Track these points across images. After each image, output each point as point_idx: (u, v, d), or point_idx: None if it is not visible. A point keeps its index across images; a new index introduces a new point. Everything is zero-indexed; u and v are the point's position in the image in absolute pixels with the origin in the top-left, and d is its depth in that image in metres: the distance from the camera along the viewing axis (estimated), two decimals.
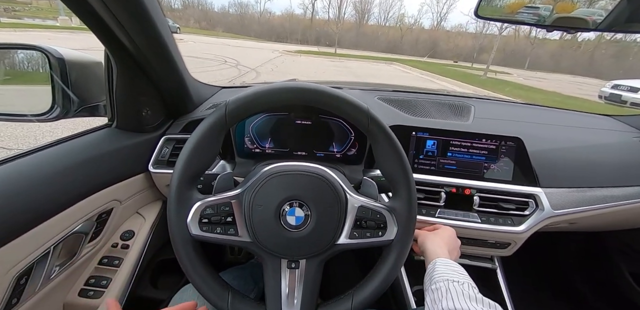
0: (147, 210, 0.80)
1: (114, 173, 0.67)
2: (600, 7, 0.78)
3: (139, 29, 0.56)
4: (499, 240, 0.77)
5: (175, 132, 0.80)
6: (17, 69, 0.76)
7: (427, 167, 0.80)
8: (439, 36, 46.19)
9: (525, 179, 0.78)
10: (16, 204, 0.49)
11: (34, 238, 0.50)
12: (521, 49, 34.48)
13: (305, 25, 50.92)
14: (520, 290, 0.81)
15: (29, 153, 0.58)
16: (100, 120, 0.75)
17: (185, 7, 55.83)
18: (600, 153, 0.87)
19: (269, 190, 0.49)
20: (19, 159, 0.55)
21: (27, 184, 0.52)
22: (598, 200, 0.79)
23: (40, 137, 2.65)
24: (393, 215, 0.51)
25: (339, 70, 11.72)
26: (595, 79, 23.62)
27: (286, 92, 0.48)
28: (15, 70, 0.76)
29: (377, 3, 55.42)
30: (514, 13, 0.80)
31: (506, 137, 0.79)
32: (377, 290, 0.49)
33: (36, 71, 0.72)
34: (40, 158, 0.57)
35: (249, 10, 58.03)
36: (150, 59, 0.63)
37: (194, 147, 0.48)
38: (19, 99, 0.80)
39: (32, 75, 0.75)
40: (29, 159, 0.56)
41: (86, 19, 0.54)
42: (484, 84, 10.29)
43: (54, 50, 0.65)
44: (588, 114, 1.11)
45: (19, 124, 2.73)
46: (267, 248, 0.48)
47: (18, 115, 0.68)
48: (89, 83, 0.70)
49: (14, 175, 0.52)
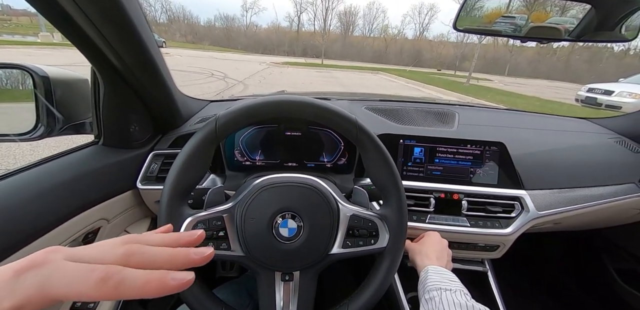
0: (136, 229, 0.78)
1: (102, 191, 0.66)
2: (572, 16, 0.82)
3: (126, 45, 0.56)
4: (488, 243, 0.79)
5: (164, 148, 0.79)
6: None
7: (415, 173, 0.82)
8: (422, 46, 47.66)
9: (510, 182, 0.80)
10: (2, 224, 0.47)
11: None
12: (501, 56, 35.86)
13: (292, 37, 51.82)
14: (512, 291, 0.83)
15: (13, 173, 0.56)
16: (85, 137, 0.74)
17: (171, 21, 56.21)
18: (578, 154, 0.90)
19: (261, 203, 0.49)
20: (4, 179, 0.54)
21: (10, 205, 0.50)
22: (579, 200, 0.82)
23: (19, 157, 2.58)
24: (384, 223, 0.52)
25: (327, 81, 11.90)
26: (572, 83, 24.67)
27: (276, 105, 0.49)
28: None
29: (361, 15, 57.20)
30: (491, 23, 0.83)
31: (489, 142, 0.82)
32: (373, 298, 0.50)
33: (16, 89, 0.71)
34: (25, 178, 0.56)
35: (235, 24, 58.87)
36: (137, 75, 0.63)
37: (184, 161, 0.48)
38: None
39: (13, 92, 0.73)
40: (13, 179, 0.55)
41: (71, 35, 0.54)
42: (467, 91, 10.59)
43: (38, 68, 0.64)
44: (565, 117, 1.16)
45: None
46: (261, 261, 0.48)
47: (0, 135, 0.66)
48: (74, 101, 0.69)
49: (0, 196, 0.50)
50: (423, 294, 0.52)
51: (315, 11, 54.79)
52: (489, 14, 0.84)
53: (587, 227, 1.05)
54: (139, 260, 0.23)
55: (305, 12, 55.94)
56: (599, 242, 1.18)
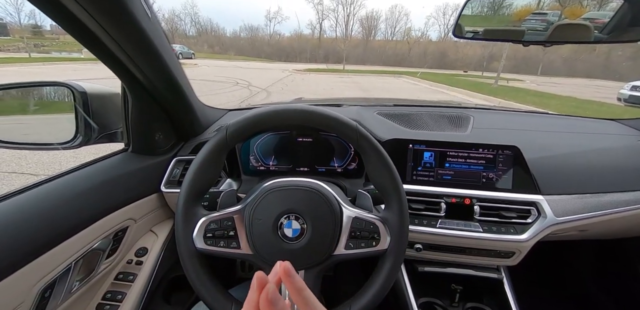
0: (160, 228, 0.84)
1: (130, 194, 0.73)
2: (611, 9, 0.77)
3: (149, 63, 0.62)
4: (502, 249, 0.77)
5: (185, 154, 0.85)
6: (44, 100, 0.86)
7: (425, 178, 0.82)
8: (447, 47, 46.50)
9: (525, 187, 0.78)
10: (42, 224, 0.54)
11: (57, 255, 0.55)
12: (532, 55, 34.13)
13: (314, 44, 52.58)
14: (530, 301, 0.79)
15: (54, 178, 0.64)
16: (117, 145, 0.82)
17: (200, 34, 59.17)
18: (602, 158, 0.86)
19: (268, 205, 0.53)
20: (45, 184, 0.61)
21: (51, 206, 0.57)
22: (604, 206, 0.78)
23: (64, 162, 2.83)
24: (386, 226, 0.53)
25: (347, 86, 11.94)
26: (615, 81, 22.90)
27: (279, 114, 0.53)
28: (43, 102, 0.86)
29: (383, 19, 56.98)
30: (521, 21, 0.80)
31: (502, 146, 0.80)
32: (375, 298, 0.51)
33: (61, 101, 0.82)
34: (63, 182, 0.64)
35: (259, 33, 60.80)
36: (160, 89, 0.70)
37: (198, 167, 0.53)
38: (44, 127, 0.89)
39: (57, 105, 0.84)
40: (54, 183, 0.63)
41: (101, 56, 0.61)
42: (495, 93, 10.21)
43: (77, 85, 0.73)
44: (591, 119, 1.10)
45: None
46: (267, 259, 0.51)
47: (46, 144, 0.75)
48: (108, 112, 0.78)
49: (40, 198, 0.58)
50: None
51: (337, 18, 55.38)
52: (518, 11, 0.81)
53: (618, 235, 0.99)
54: None
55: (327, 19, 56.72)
56: (633, 252, 1.10)
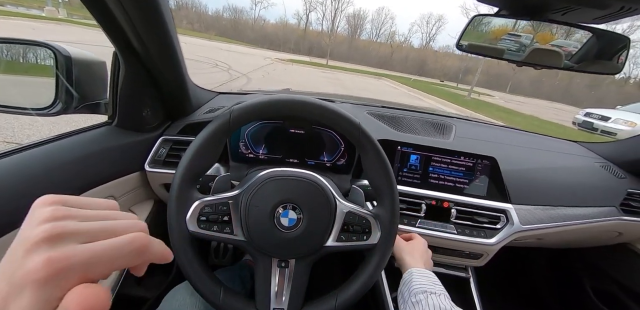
0: (139, 209, 0.80)
1: (111, 170, 0.69)
2: (576, 40, 0.84)
3: (152, 32, 0.59)
4: (472, 251, 0.83)
5: (173, 134, 0.82)
6: (21, 62, 0.77)
7: (410, 179, 0.85)
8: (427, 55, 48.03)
9: (498, 195, 0.85)
10: (14, 197, 0.49)
11: None
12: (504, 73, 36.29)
13: (299, 35, 51.77)
14: (491, 300, 0.87)
15: (26, 148, 0.58)
16: (98, 117, 0.77)
17: (179, 8, 55.79)
18: (564, 175, 0.95)
19: (265, 193, 0.52)
20: (18, 153, 0.56)
21: (25, 178, 0.52)
22: (560, 218, 0.86)
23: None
24: (377, 222, 0.55)
25: (330, 82, 11.94)
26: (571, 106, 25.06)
27: (290, 104, 0.53)
28: (19, 63, 0.77)
29: (369, 19, 57.37)
30: (497, 40, 0.85)
31: (482, 156, 0.86)
32: (360, 290, 0.53)
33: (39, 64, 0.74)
34: (40, 152, 0.58)
35: (243, 16, 58.65)
36: (157, 62, 0.66)
37: (198, 148, 0.51)
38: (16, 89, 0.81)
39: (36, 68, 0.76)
40: (25, 154, 0.57)
41: (100, 17, 0.56)
42: (468, 105, 10.70)
43: (62, 48, 0.67)
44: (557, 139, 1.21)
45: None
46: (260, 247, 0.51)
47: (19, 108, 0.68)
48: (92, 81, 0.72)
49: (13, 169, 0.52)
50: (409, 296, 0.55)
51: (324, 11, 54.81)
52: (495, 30, 0.86)
53: (569, 245, 1.10)
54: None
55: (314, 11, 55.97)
56: (579, 261, 1.23)
